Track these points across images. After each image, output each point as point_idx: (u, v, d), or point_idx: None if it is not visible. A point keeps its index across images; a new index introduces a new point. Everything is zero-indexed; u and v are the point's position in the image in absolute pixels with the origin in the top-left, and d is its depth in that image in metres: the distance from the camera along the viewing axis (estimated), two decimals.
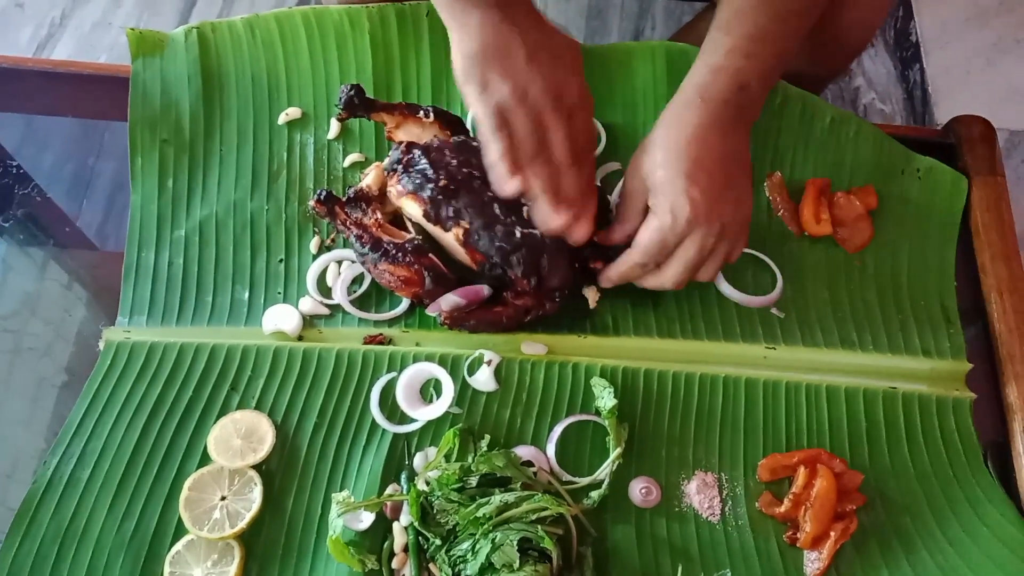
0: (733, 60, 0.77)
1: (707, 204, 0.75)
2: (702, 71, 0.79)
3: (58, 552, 0.76)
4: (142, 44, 0.95)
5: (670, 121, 0.79)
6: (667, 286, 0.80)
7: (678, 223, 0.75)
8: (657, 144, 0.78)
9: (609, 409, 0.79)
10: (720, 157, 0.77)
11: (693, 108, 0.77)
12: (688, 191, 0.75)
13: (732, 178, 0.78)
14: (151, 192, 0.90)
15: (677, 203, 0.75)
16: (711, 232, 0.76)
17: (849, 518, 0.78)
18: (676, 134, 0.77)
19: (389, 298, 0.87)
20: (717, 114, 0.77)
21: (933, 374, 0.87)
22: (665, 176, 0.76)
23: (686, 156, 0.76)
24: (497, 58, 0.74)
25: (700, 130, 0.77)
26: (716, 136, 0.77)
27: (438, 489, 0.74)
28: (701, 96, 0.77)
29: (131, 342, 0.84)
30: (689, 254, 0.77)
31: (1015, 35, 1.64)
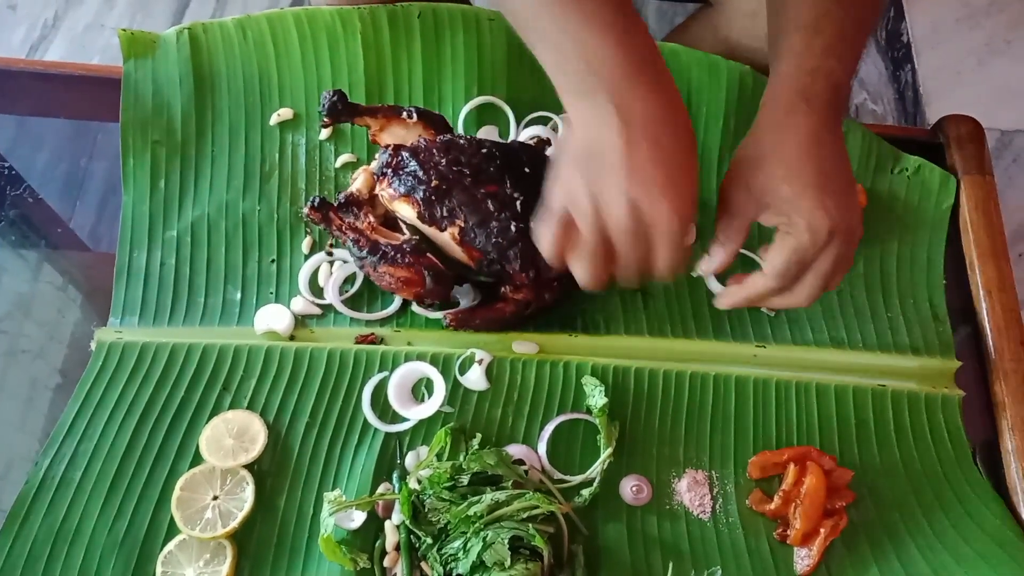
0: (827, 61, 0.72)
1: (841, 212, 0.70)
2: (798, 74, 0.73)
3: (50, 552, 0.76)
4: (134, 45, 0.95)
5: (777, 129, 0.73)
6: (801, 304, 0.74)
7: (818, 237, 0.70)
8: (770, 157, 0.72)
9: (600, 407, 0.80)
10: (837, 161, 0.73)
11: (800, 114, 0.72)
12: (823, 203, 0.69)
13: (850, 181, 0.74)
14: (143, 193, 0.91)
15: (814, 218, 0.69)
16: (846, 240, 0.71)
17: (839, 515, 0.79)
18: (791, 144, 0.71)
19: (381, 298, 0.87)
20: (824, 118, 0.72)
21: (922, 372, 0.87)
22: (792, 191, 0.70)
23: (809, 166, 0.70)
24: (591, 159, 0.66)
25: (814, 137, 0.71)
26: (829, 141, 0.72)
27: (430, 488, 0.75)
28: (806, 100, 0.72)
29: (123, 342, 0.84)
30: (825, 267, 0.72)
31: (1006, 36, 1.65)
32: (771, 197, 0.71)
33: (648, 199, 0.65)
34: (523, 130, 0.94)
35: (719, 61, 0.97)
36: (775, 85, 0.75)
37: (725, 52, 1.00)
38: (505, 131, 0.94)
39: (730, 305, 0.78)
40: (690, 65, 0.97)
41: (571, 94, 0.68)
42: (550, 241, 0.70)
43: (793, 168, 0.71)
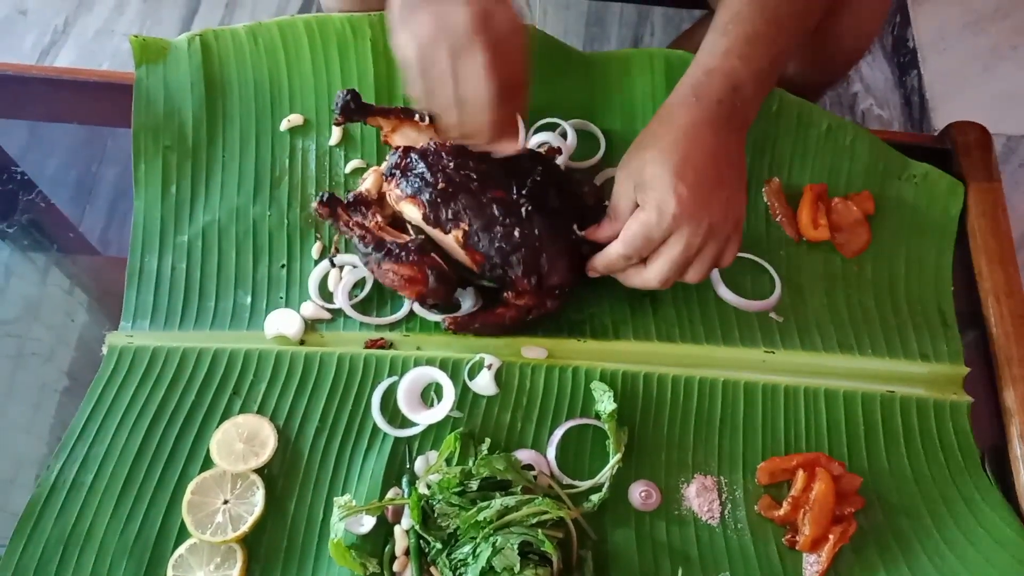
0: (727, 61, 0.78)
1: (694, 201, 0.74)
2: (697, 72, 0.79)
3: (62, 556, 0.76)
4: (146, 51, 0.96)
5: (663, 119, 0.79)
6: (651, 284, 0.79)
7: (664, 218, 0.74)
8: (648, 141, 0.78)
9: (609, 413, 0.80)
10: (711, 156, 0.76)
11: (686, 107, 0.77)
12: (675, 187, 0.74)
13: (723, 178, 0.77)
14: (154, 198, 0.91)
15: (664, 198, 0.74)
16: (698, 231, 0.75)
17: (848, 521, 0.79)
18: (667, 131, 0.77)
19: (390, 302, 0.88)
20: (710, 113, 0.77)
21: (931, 378, 0.87)
22: (653, 172, 0.75)
23: (676, 152, 0.75)
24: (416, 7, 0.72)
25: (692, 128, 0.76)
26: (708, 135, 0.77)
27: (439, 493, 0.75)
28: (695, 95, 0.77)
29: (134, 346, 0.85)
30: (674, 252, 0.76)
31: (1011, 41, 1.65)
32: (640, 176, 0.76)
33: (482, 4, 0.71)
34: (532, 136, 0.94)
35: None
36: (679, 81, 0.80)
37: None
38: None
39: (594, 270, 0.82)
40: None
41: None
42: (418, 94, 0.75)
43: (662, 152, 0.76)
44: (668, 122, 0.78)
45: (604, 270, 0.82)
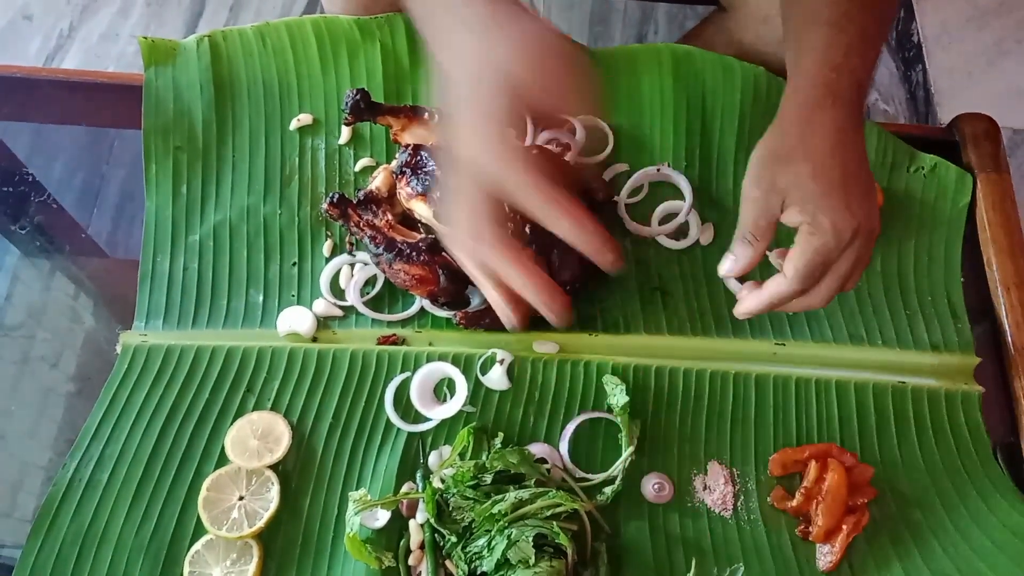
0: (851, 59, 0.72)
1: (864, 213, 0.69)
2: (823, 70, 0.72)
3: (79, 554, 0.76)
4: (154, 52, 0.96)
5: (803, 124, 0.72)
6: (816, 306, 0.74)
7: (843, 239, 0.69)
8: (797, 152, 0.71)
9: (621, 406, 0.80)
10: (862, 163, 0.72)
11: (828, 111, 0.71)
12: (848, 203, 0.68)
13: (870, 180, 0.73)
14: (165, 198, 0.92)
15: (841, 218, 0.68)
16: (867, 241, 0.71)
17: (860, 511, 0.79)
18: (818, 140, 0.70)
19: (402, 299, 0.88)
20: (851, 115, 0.71)
21: (942, 368, 0.87)
22: (819, 189, 0.69)
23: (836, 164, 0.70)
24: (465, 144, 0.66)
25: (841, 134, 0.71)
26: (855, 140, 0.72)
27: (453, 486, 0.75)
28: (832, 96, 0.71)
29: (148, 345, 0.85)
30: (845, 267, 0.71)
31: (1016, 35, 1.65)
32: (798, 194, 0.70)
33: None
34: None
35: (733, 63, 0.98)
36: (799, 80, 0.73)
37: (738, 56, 1.00)
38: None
39: (749, 313, 0.76)
40: (704, 67, 0.98)
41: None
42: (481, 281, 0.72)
43: (820, 165, 0.70)
44: (812, 130, 0.71)
45: (765, 310, 0.75)
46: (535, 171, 0.64)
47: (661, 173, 0.93)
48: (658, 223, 0.92)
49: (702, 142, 0.96)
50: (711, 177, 0.95)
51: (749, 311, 0.75)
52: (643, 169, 0.93)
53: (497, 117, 0.63)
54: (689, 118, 0.96)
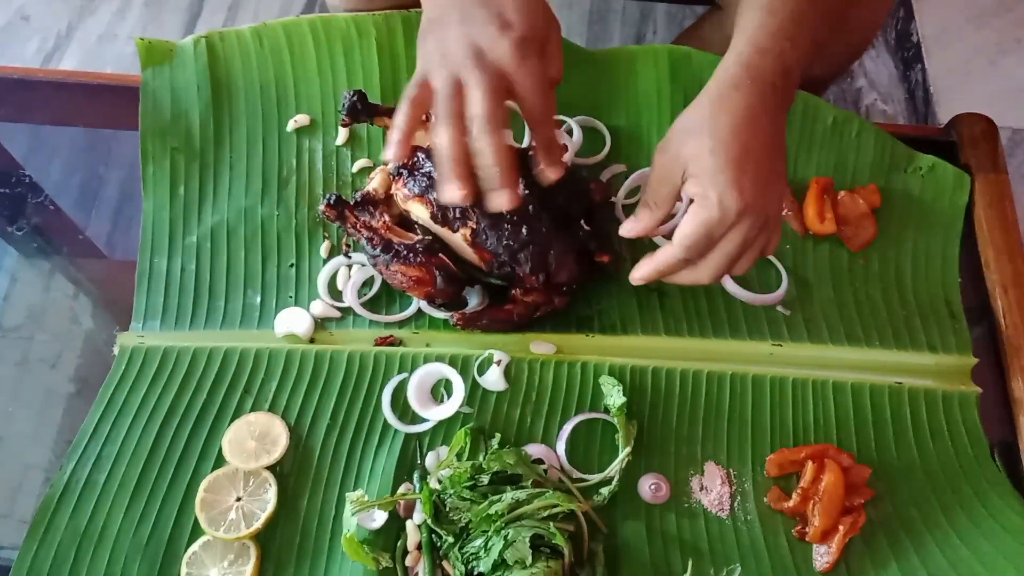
0: (779, 42, 0.73)
1: (756, 195, 0.71)
2: (748, 51, 0.73)
3: (76, 555, 0.77)
4: (151, 53, 0.96)
5: (716, 102, 0.73)
6: (703, 281, 0.76)
7: (728, 215, 0.70)
8: (705, 127, 0.72)
9: (618, 407, 0.80)
10: (769, 145, 0.73)
11: (743, 90, 0.72)
12: (739, 181, 0.70)
13: (777, 167, 0.74)
14: (163, 199, 0.92)
15: (726, 194, 0.70)
16: (756, 224, 0.72)
17: (857, 512, 0.79)
18: (726, 118, 0.71)
19: (399, 300, 0.88)
20: (766, 97, 0.72)
21: (939, 369, 0.87)
22: (715, 164, 0.70)
23: (737, 142, 0.70)
24: (434, 26, 0.73)
25: (750, 114, 0.71)
26: (766, 122, 0.72)
27: (450, 487, 0.75)
28: (750, 77, 0.72)
29: (145, 346, 0.85)
30: (731, 247, 0.73)
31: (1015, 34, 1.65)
32: (695, 167, 0.72)
33: (487, 37, 0.70)
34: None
35: None
36: (725, 60, 0.75)
37: None
38: (519, 134, 0.95)
39: (642, 278, 0.78)
40: (702, 68, 0.98)
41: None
42: (400, 117, 0.72)
43: (721, 142, 0.71)
44: (723, 107, 0.72)
45: (655, 276, 0.77)
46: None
47: None
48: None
49: None
50: None
51: (641, 276, 0.78)
52: (641, 170, 0.93)
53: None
54: None
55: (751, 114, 0.72)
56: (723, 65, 0.75)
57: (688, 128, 0.74)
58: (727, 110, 0.72)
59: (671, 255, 0.74)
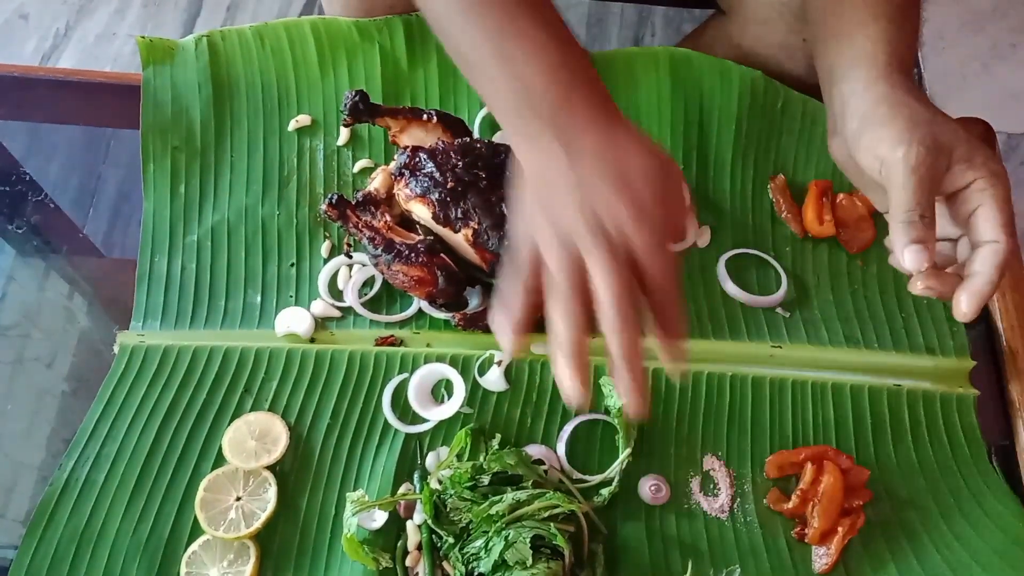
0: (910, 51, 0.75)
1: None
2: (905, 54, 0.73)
3: (75, 554, 0.76)
4: (153, 52, 0.96)
5: (916, 94, 0.70)
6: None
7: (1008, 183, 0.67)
8: (939, 115, 0.69)
9: (618, 408, 0.80)
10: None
11: (913, 88, 0.71)
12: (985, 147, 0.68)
13: None
14: (163, 198, 0.92)
15: (998, 164, 0.66)
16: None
17: (856, 514, 0.79)
18: (930, 106, 0.70)
19: (400, 300, 0.88)
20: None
21: (937, 371, 0.88)
22: (975, 141, 0.67)
23: (949, 120, 0.69)
24: (541, 191, 0.64)
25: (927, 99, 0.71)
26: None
27: (451, 488, 0.75)
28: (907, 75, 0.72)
29: (145, 345, 0.85)
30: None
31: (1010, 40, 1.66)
32: (964, 149, 0.66)
33: (607, 208, 0.60)
34: None
35: (731, 66, 0.98)
36: (890, 59, 0.71)
37: (737, 59, 1.01)
38: None
39: (981, 304, 0.67)
40: (702, 70, 0.99)
41: (515, 134, 0.66)
42: (513, 279, 0.63)
43: (954, 121, 0.68)
44: (920, 96, 0.71)
45: (996, 288, 0.67)
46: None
47: None
48: None
49: (699, 145, 0.96)
50: (708, 180, 0.95)
51: (982, 300, 0.66)
52: None
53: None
54: (687, 121, 0.97)
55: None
56: (889, 65, 0.71)
57: (920, 119, 0.68)
58: (924, 99, 0.70)
59: (1006, 251, 0.65)
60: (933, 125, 0.67)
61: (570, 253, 0.60)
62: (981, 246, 0.67)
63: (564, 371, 0.60)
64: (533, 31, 0.65)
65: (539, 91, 0.64)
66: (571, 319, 0.60)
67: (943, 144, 0.66)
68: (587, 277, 0.60)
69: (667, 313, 0.63)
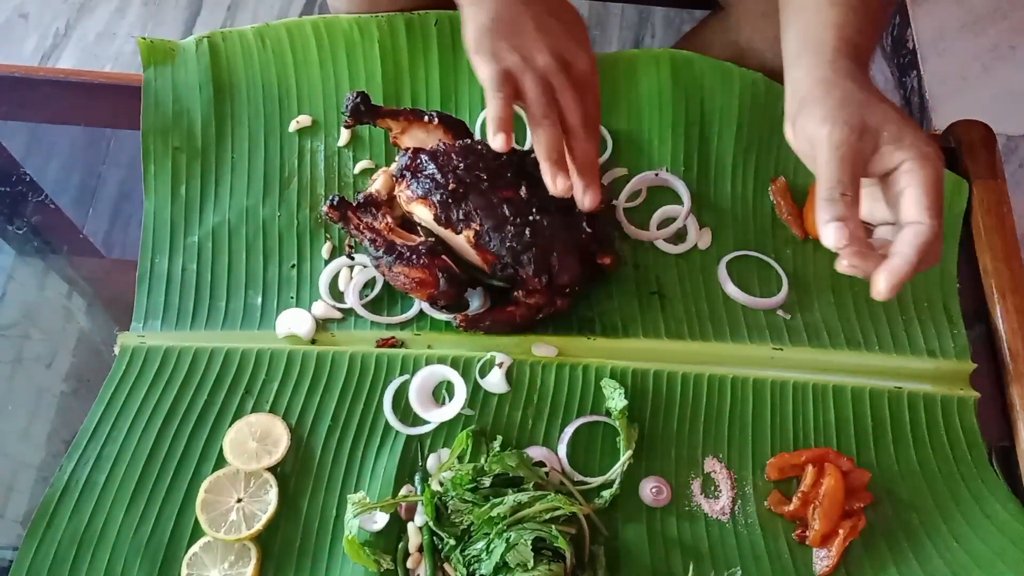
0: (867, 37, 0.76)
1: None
2: (844, 43, 0.74)
3: (76, 555, 0.76)
4: (153, 53, 0.96)
5: (857, 76, 0.72)
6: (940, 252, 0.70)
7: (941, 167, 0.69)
8: (874, 95, 0.70)
9: (620, 410, 0.80)
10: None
11: (860, 71, 0.73)
12: (917, 129, 0.69)
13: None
14: (164, 199, 0.91)
15: (934, 149, 0.68)
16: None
17: (857, 516, 0.79)
18: (873, 90, 0.72)
19: (401, 301, 0.88)
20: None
21: (938, 374, 0.88)
22: (910, 124, 0.69)
23: (893, 106, 0.71)
24: (506, 29, 0.77)
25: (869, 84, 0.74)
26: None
27: (452, 489, 0.75)
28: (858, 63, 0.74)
29: (146, 346, 0.85)
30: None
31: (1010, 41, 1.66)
32: (893, 129, 0.67)
33: (564, 46, 0.78)
34: None
35: (732, 68, 0.98)
36: (838, 44, 0.73)
37: (736, 55, 1.01)
38: (521, 137, 0.95)
39: (898, 285, 0.66)
40: (703, 72, 0.99)
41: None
42: (495, 107, 0.74)
43: (892, 105, 0.69)
44: (867, 82, 0.73)
45: (915, 268, 0.67)
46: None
47: (659, 178, 0.94)
48: (656, 227, 0.92)
49: (700, 147, 0.96)
50: (709, 182, 0.95)
51: (898, 280, 0.66)
52: (641, 173, 0.94)
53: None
54: (688, 123, 0.97)
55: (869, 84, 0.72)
56: (832, 49, 0.73)
57: (855, 99, 0.69)
58: (868, 84, 0.72)
59: (930, 232, 0.66)
60: (864, 107, 0.68)
61: (546, 85, 0.76)
62: (904, 227, 0.67)
63: (552, 171, 0.75)
64: None
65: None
66: (553, 133, 0.75)
67: (869, 125, 0.67)
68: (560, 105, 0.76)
69: (592, 121, 0.80)
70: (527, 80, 0.76)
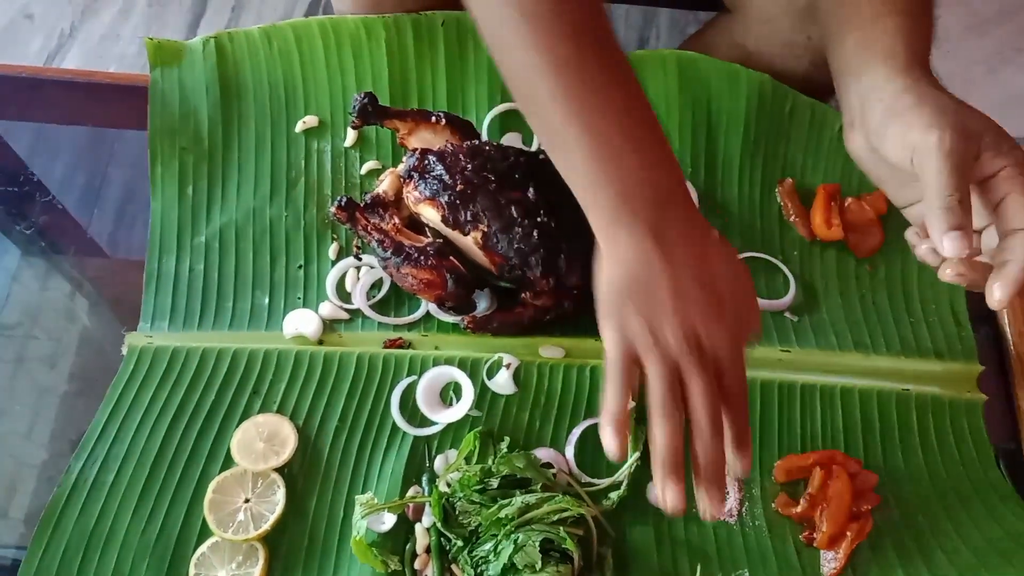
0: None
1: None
2: (917, 54, 0.73)
3: (84, 555, 0.76)
4: (160, 53, 0.96)
5: (935, 85, 0.71)
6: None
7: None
8: (962, 104, 0.69)
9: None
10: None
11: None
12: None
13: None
14: (171, 200, 0.92)
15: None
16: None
17: (864, 518, 0.79)
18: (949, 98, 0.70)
19: (408, 302, 0.88)
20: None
21: (945, 376, 0.88)
22: (1002, 129, 0.67)
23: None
24: (639, 291, 0.64)
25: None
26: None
27: (460, 491, 0.75)
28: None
29: (154, 347, 0.85)
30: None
31: (1015, 44, 1.66)
32: (992, 135, 0.66)
33: (704, 323, 0.63)
34: None
35: (739, 69, 0.98)
36: (908, 52, 0.72)
37: (741, 58, 1.01)
38: (529, 138, 0.95)
39: (1014, 292, 0.64)
40: (710, 73, 0.99)
41: (604, 220, 0.66)
42: (613, 397, 0.63)
43: (980, 111, 0.68)
44: (938, 87, 0.72)
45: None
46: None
47: None
48: None
49: (707, 148, 0.96)
50: (716, 183, 0.95)
51: (1016, 288, 0.64)
52: None
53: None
54: (694, 124, 0.97)
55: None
56: (910, 59, 0.72)
57: (948, 107, 0.67)
58: (944, 93, 0.70)
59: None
60: (960, 113, 0.67)
61: (671, 369, 0.63)
62: (1012, 233, 0.66)
63: (664, 479, 0.62)
64: (630, 122, 0.67)
65: (640, 185, 0.65)
66: (672, 431, 0.62)
67: (972, 131, 0.66)
68: (683, 387, 0.63)
69: (739, 420, 0.65)
70: (650, 361, 0.63)
